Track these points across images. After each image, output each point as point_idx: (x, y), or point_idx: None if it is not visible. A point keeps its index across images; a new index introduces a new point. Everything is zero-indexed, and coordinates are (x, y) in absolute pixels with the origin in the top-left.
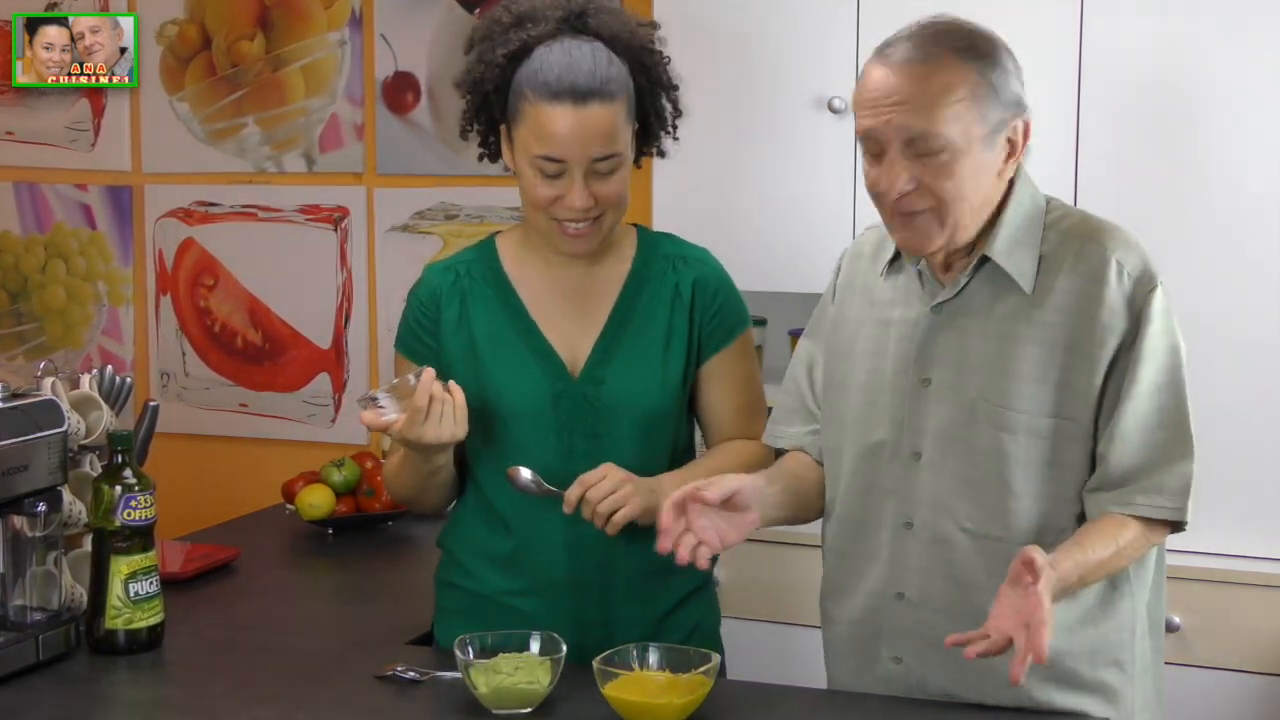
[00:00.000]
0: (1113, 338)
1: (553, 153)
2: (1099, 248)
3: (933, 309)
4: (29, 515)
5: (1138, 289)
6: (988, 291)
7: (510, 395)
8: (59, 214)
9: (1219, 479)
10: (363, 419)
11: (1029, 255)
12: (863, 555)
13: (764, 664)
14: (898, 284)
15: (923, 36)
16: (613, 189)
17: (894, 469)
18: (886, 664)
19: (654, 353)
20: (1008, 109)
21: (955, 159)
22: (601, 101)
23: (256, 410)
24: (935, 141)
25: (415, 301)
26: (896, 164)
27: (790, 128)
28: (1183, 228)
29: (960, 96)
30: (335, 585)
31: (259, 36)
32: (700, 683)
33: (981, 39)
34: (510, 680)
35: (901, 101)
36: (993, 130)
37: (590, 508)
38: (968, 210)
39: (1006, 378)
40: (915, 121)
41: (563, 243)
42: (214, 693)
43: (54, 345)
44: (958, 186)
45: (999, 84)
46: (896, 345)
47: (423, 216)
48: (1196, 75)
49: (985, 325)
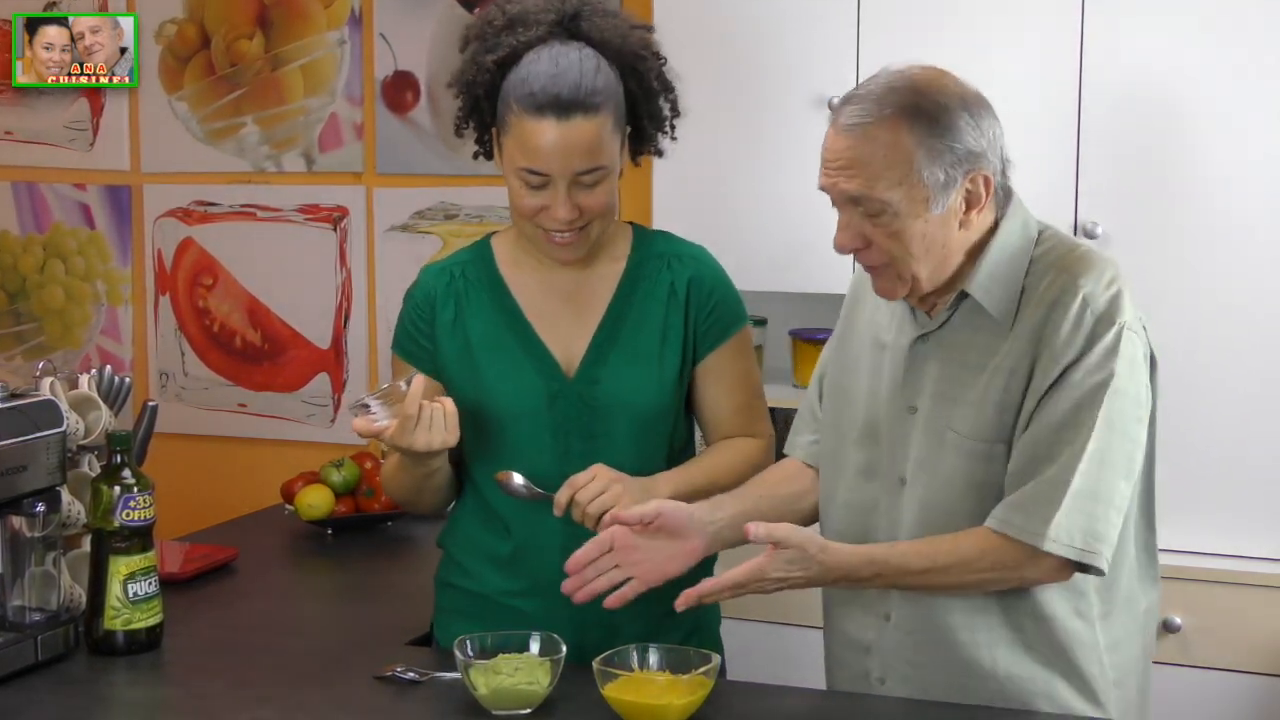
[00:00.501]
0: (1056, 366)
1: (536, 166)
2: (1069, 278)
3: (917, 340)
4: (28, 515)
5: (1097, 325)
6: (968, 324)
7: (505, 396)
8: (57, 214)
9: (1219, 480)
10: (355, 426)
11: (1009, 290)
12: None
13: (764, 664)
14: (894, 308)
15: (873, 97)
16: (598, 200)
17: (883, 492)
18: (873, 685)
19: (649, 352)
20: (958, 166)
21: (899, 221)
22: (585, 114)
23: (255, 410)
24: (875, 205)
25: (411, 303)
26: (847, 223)
27: (790, 127)
28: (1183, 236)
29: (899, 161)
30: (334, 586)
31: (258, 36)
32: (700, 683)
33: (931, 99)
34: (510, 681)
35: (845, 166)
36: (942, 188)
37: (580, 509)
38: (923, 265)
39: (972, 406)
40: (855, 186)
41: (550, 250)
42: (213, 693)
43: (52, 345)
44: (905, 246)
45: (948, 143)
46: (890, 370)
47: (422, 216)
48: (1197, 85)
49: (964, 357)
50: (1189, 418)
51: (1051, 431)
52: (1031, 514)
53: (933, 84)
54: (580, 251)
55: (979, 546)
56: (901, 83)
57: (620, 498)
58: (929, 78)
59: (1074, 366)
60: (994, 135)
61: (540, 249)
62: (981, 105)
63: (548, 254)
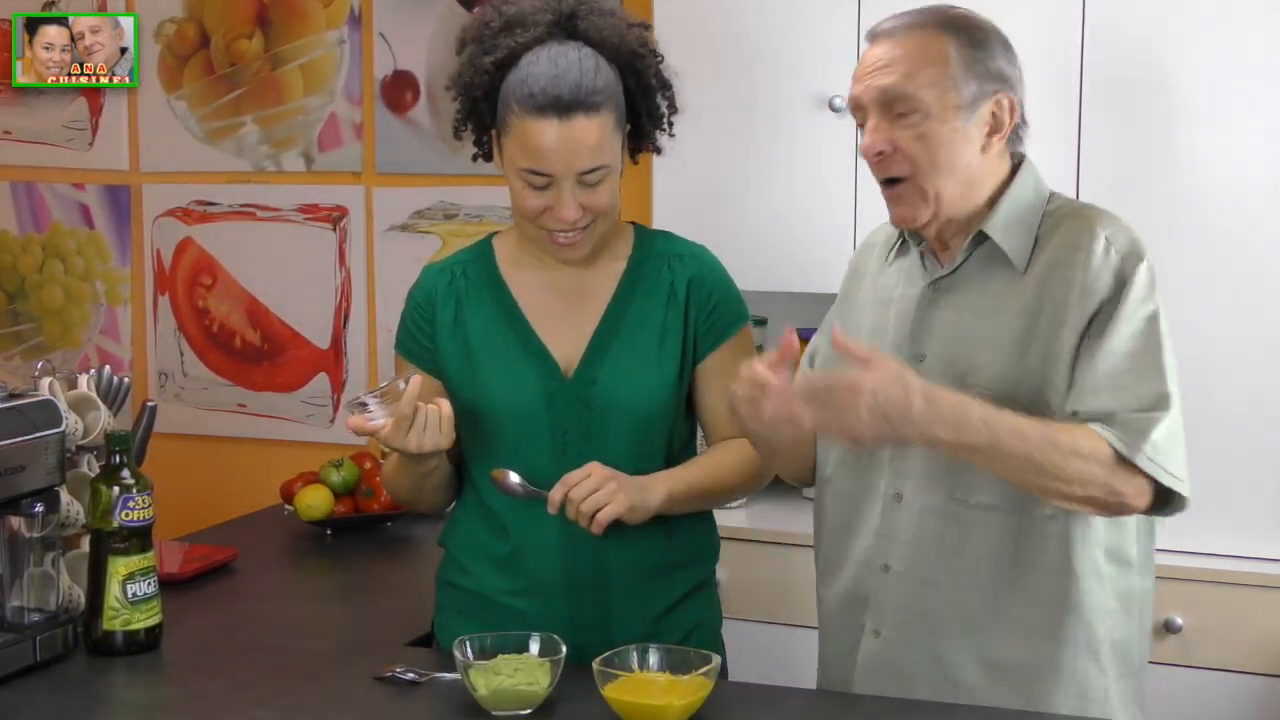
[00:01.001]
0: (1090, 301)
1: (539, 167)
2: (1087, 223)
3: (929, 285)
4: (26, 516)
5: (1125, 262)
6: (983, 269)
7: (503, 396)
8: (56, 213)
9: (1220, 480)
10: (349, 424)
11: (1025, 235)
12: (853, 529)
13: (765, 665)
14: (902, 266)
15: (916, 12)
16: (601, 199)
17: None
18: (867, 638)
19: (648, 351)
20: (989, 82)
21: (928, 123)
22: (587, 114)
23: (255, 410)
24: (908, 103)
25: (412, 303)
26: (875, 127)
27: (790, 127)
28: (1184, 222)
29: (935, 61)
30: (334, 586)
31: (257, 35)
32: (701, 684)
33: (971, 19)
34: (510, 682)
35: (884, 65)
36: (971, 101)
37: (574, 507)
38: (947, 181)
39: (991, 350)
40: (890, 81)
41: (554, 251)
42: (212, 694)
43: (51, 345)
44: (931, 152)
45: (981, 58)
46: (895, 321)
47: (422, 216)
48: (1198, 68)
49: (978, 301)
50: (1188, 415)
51: (1123, 360)
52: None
53: (972, 14)
54: (584, 250)
55: (1090, 441)
56: (945, 5)
57: (615, 495)
58: (964, 8)
59: (1117, 300)
60: (1019, 71)
61: (544, 249)
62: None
63: (552, 254)
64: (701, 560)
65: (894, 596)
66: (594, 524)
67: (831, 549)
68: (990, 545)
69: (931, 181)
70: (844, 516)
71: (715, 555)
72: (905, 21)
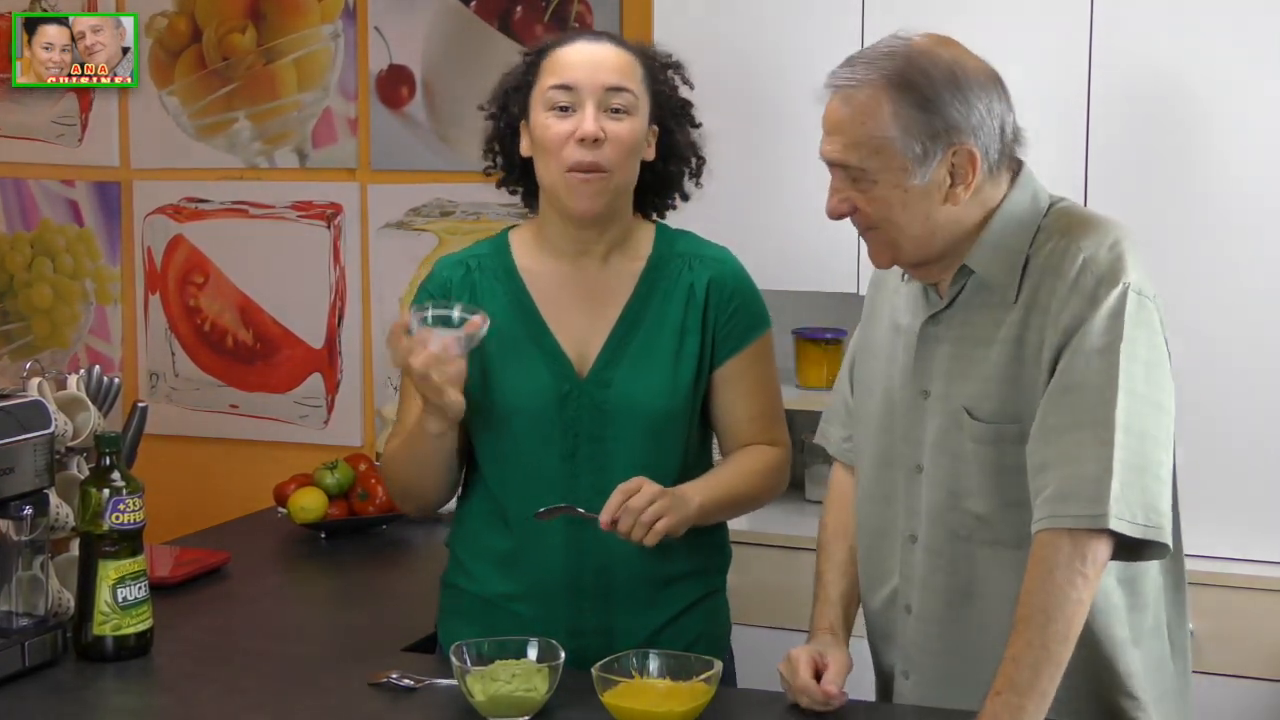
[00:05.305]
0: (1057, 334)
1: (565, 80)
2: (1068, 241)
3: (928, 320)
4: (15, 519)
5: (1099, 286)
6: (975, 301)
7: (515, 393)
8: (45, 211)
9: (1231, 484)
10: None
11: (1011, 261)
12: (879, 566)
13: (770, 670)
14: (911, 290)
15: (864, 61)
16: (623, 130)
17: (901, 481)
18: (898, 680)
19: (664, 355)
20: (939, 139)
21: (878, 187)
22: (616, 45)
23: (247, 411)
24: (854, 171)
25: (424, 294)
26: (836, 188)
27: (793, 126)
28: (1191, 226)
29: (876, 128)
30: (328, 590)
31: (250, 29)
32: (701, 690)
33: (917, 70)
34: (507, 688)
35: (831, 130)
36: (920, 160)
37: (633, 516)
38: (907, 236)
39: (986, 384)
40: (835, 150)
41: (571, 199)
42: (204, 700)
43: (40, 345)
44: (884, 212)
45: (925, 118)
46: (904, 355)
47: (417, 213)
48: (1207, 72)
49: (972, 333)
50: (1201, 419)
51: (1066, 400)
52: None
53: (926, 54)
54: (601, 200)
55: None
56: (899, 49)
57: (669, 510)
58: (925, 48)
59: (1079, 331)
60: (987, 110)
61: (561, 198)
62: (977, 79)
63: (569, 204)
64: (708, 573)
65: (916, 638)
66: (651, 533)
67: (866, 578)
68: (1001, 585)
69: (889, 234)
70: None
71: (724, 568)
72: (856, 75)
